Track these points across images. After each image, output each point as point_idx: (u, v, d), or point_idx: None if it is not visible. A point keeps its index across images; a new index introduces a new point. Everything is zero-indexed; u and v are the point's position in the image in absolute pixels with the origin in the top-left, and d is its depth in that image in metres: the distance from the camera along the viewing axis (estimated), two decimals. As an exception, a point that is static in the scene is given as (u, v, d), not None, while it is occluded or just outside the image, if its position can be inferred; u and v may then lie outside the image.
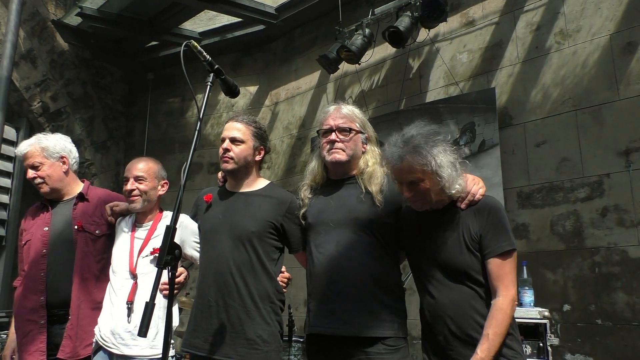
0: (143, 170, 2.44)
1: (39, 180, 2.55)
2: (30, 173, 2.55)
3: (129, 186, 2.42)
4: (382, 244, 2.12)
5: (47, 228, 2.54)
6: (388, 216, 2.14)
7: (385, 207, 2.13)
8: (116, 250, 2.45)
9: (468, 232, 1.88)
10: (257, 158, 2.34)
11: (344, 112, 2.25)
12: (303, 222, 2.27)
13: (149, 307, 1.54)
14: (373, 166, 2.20)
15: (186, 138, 6.84)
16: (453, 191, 1.89)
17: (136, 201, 2.42)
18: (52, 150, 2.58)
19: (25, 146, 2.57)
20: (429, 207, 1.94)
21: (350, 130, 2.21)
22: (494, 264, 1.85)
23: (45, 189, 2.57)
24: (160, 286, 1.99)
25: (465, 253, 1.87)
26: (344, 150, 2.19)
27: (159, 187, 2.48)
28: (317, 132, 2.32)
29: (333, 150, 2.19)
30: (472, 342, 1.82)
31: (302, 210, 2.27)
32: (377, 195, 2.13)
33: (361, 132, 2.25)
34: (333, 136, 2.20)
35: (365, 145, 2.26)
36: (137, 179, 2.42)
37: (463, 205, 1.93)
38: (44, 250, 2.50)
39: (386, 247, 2.14)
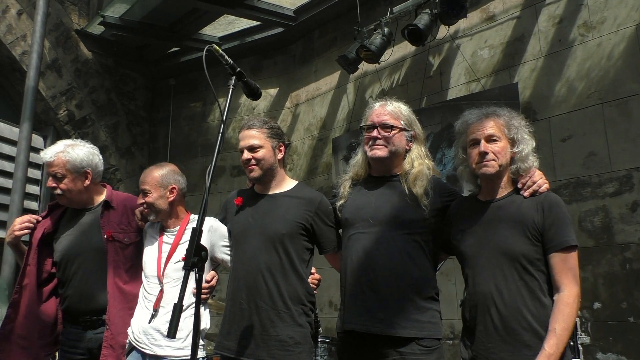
0: (146, 182, 2.46)
1: (58, 191, 2.53)
2: (51, 182, 2.53)
3: (138, 200, 2.48)
4: (421, 245, 2.11)
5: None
6: (431, 217, 2.12)
7: (429, 207, 2.10)
8: (146, 255, 2.48)
9: (529, 220, 1.87)
10: (280, 156, 2.34)
11: (389, 109, 2.23)
12: (340, 214, 2.26)
13: (177, 309, 1.56)
14: (419, 167, 2.18)
15: (208, 142, 6.92)
16: (522, 165, 1.93)
17: (148, 214, 2.46)
18: (78, 165, 2.52)
19: (51, 154, 2.51)
20: (494, 171, 1.94)
21: (392, 127, 2.19)
22: (557, 258, 1.83)
23: (63, 200, 2.58)
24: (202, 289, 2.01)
25: (521, 239, 1.86)
26: (385, 147, 2.17)
27: (167, 193, 2.45)
28: (360, 127, 2.30)
29: (374, 146, 2.19)
30: (512, 338, 1.80)
31: (340, 202, 2.26)
32: (421, 198, 2.10)
33: (405, 130, 2.22)
34: (375, 133, 2.19)
35: (410, 144, 2.23)
36: (144, 192, 2.44)
37: (527, 193, 1.92)
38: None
39: (425, 248, 2.12)
